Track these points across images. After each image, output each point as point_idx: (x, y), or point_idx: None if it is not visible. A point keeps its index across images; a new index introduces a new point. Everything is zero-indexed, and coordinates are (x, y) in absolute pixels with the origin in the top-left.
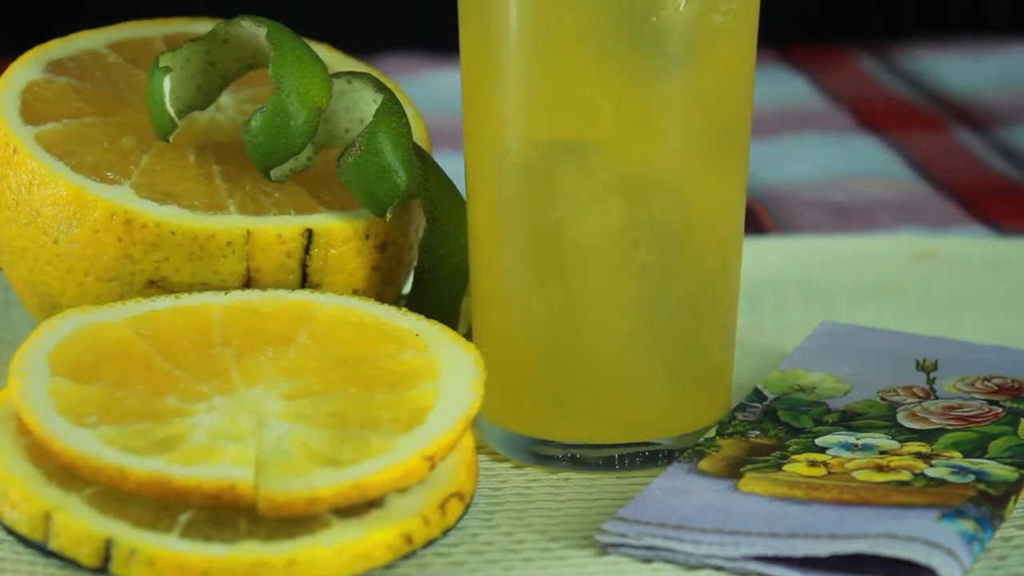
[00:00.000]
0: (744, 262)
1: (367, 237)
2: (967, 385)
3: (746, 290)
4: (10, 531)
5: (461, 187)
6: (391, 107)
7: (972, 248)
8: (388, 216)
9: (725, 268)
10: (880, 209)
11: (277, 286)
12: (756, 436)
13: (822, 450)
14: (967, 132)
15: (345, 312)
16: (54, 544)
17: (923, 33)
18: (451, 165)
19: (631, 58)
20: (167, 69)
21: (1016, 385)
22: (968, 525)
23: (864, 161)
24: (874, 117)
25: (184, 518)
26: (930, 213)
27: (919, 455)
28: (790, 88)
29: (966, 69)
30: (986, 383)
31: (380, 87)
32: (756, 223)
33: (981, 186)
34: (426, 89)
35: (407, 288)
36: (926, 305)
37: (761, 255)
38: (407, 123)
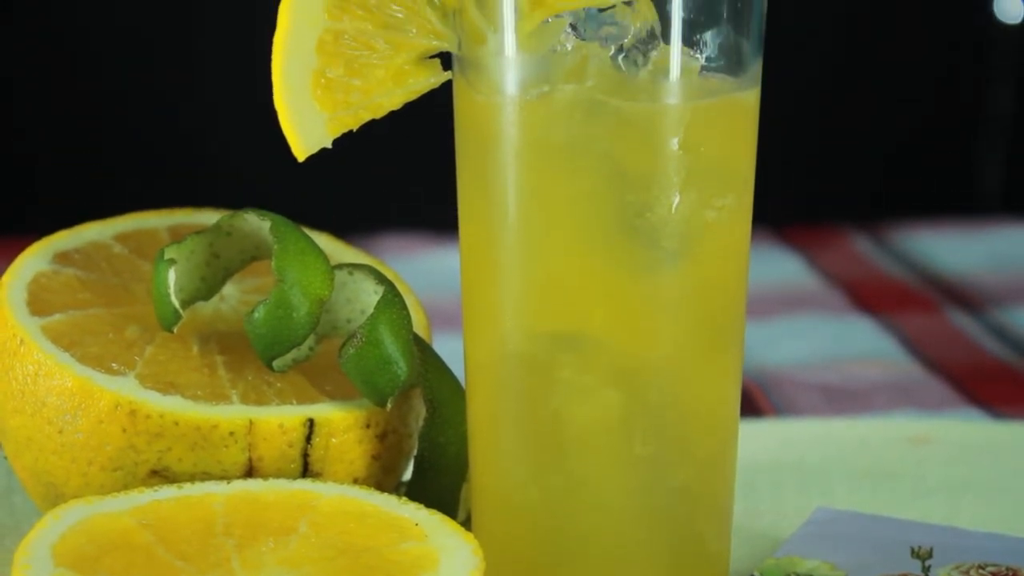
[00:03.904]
0: (739, 445)
1: (368, 426)
2: (962, 573)
3: (742, 473)
4: None
5: (460, 375)
6: (391, 299)
7: (967, 432)
8: (388, 406)
9: (722, 456)
10: (874, 391)
11: (278, 475)
12: None
13: None
14: (960, 313)
15: (346, 501)
16: None
17: (916, 212)
18: (450, 347)
19: (626, 253)
20: (172, 261)
21: (1011, 573)
22: None
23: (858, 342)
24: (868, 297)
25: None
26: (924, 395)
27: None
28: (784, 268)
29: (959, 249)
30: (981, 571)
31: (381, 279)
32: (751, 404)
33: (975, 368)
34: (425, 270)
35: (407, 475)
36: (921, 489)
37: (756, 438)
38: (407, 314)
